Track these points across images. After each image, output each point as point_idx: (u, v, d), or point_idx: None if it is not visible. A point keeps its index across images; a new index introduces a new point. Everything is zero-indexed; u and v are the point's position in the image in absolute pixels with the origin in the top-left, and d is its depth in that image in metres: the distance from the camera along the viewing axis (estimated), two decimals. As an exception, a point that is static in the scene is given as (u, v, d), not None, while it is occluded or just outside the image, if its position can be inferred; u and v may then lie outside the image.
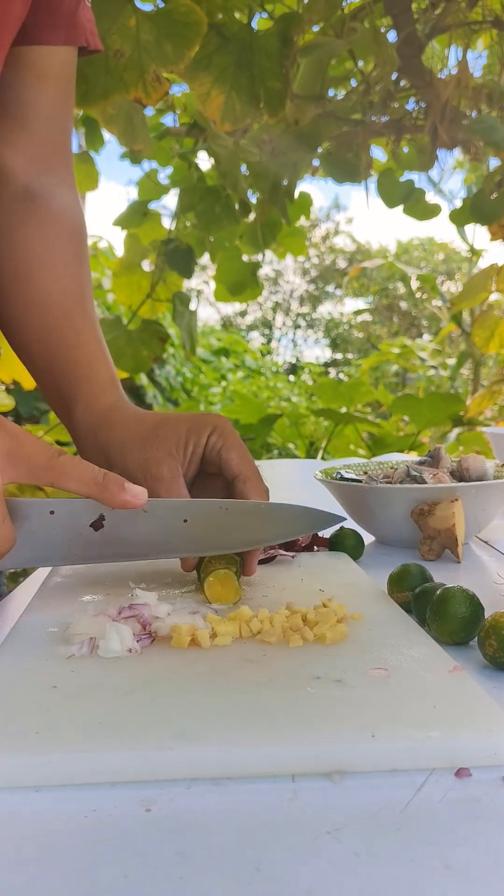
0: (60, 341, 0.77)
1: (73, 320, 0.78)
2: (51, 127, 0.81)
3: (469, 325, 4.08)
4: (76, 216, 0.83)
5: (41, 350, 0.77)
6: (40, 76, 0.78)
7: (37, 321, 0.77)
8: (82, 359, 0.76)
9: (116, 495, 0.57)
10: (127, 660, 0.50)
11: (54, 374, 0.76)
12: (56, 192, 0.81)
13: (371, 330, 13.00)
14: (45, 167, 0.81)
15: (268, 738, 0.40)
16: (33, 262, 0.78)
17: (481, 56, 2.67)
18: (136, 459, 0.68)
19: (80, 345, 0.77)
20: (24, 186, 0.80)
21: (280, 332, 14.66)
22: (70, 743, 0.39)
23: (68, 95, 0.82)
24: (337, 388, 4.06)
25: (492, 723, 0.41)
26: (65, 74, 0.81)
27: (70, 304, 0.78)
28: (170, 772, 0.38)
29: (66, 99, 0.82)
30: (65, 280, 0.79)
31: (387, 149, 2.78)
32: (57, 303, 0.78)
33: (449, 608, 0.55)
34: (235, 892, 0.31)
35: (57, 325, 0.77)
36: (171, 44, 1.50)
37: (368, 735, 0.40)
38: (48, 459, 0.56)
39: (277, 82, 1.75)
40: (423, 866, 0.32)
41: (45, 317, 0.77)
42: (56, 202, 0.81)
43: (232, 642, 0.52)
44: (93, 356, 0.77)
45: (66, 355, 0.76)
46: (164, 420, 0.71)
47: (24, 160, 0.80)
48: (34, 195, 0.80)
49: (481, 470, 0.89)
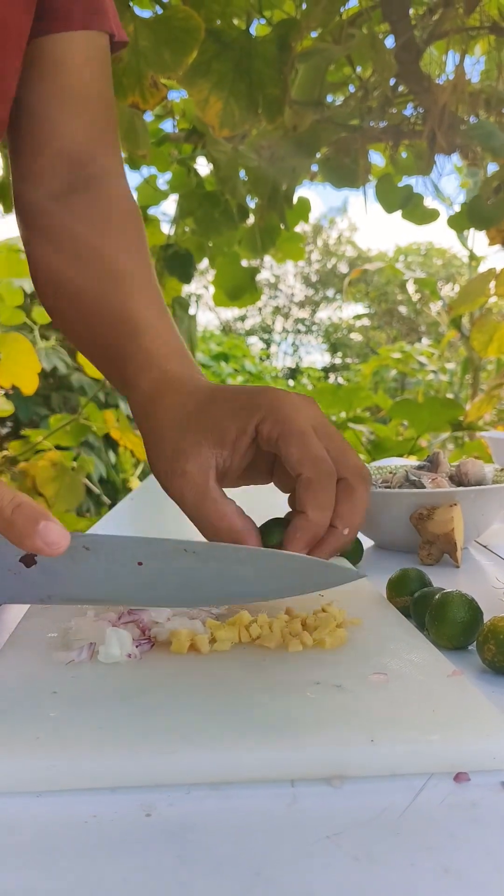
0: (110, 317, 0.67)
1: (127, 300, 0.68)
2: (81, 116, 0.75)
3: (468, 330, 4.09)
4: (125, 199, 0.76)
5: (91, 331, 0.69)
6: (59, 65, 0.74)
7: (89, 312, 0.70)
8: (133, 333, 0.65)
9: (25, 536, 0.44)
10: (126, 665, 0.50)
11: (108, 357, 0.68)
12: (105, 175, 0.76)
13: (370, 335, 13.02)
14: (83, 160, 0.75)
15: (267, 743, 0.40)
16: (96, 238, 0.72)
17: (479, 62, 2.67)
18: (169, 448, 0.57)
19: (128, 321, 0.66)
20: (61, 185, 0.75)
21: (280, 336, 14.67)
22: (70, 748, 0.40)
23: (98, 80, 0.76)
24: (336, 393, 4.07)
25: (491, 727, 0.41)
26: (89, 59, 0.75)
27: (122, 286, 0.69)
28: (169, 777, 0.39)
29: (97, 84, 0.76)
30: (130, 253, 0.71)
31: (385, 154, 2.79)
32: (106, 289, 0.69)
33: (448, 613, 0.55)
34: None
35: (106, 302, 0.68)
36: (169, 50, 1.50)
37: (368, 740, 0.40)
38: None
39: (276, 88, 1.76)
40: (422, 870, 0.32)
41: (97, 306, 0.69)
42: (103, 189, 0.75)
43: (231, 647, 0.52)
44: (143, 329, 0.65)
45: (114, 335, 0.67)
46: (212, 398, 0.58)
47: (55, 158, 0.74)
48: (82, 182, 0.74)
49: (480, 475, 0.89)
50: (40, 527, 0.44)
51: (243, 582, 0.48)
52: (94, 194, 0.74)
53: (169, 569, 0.48)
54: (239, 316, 14.01)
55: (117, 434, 3.16)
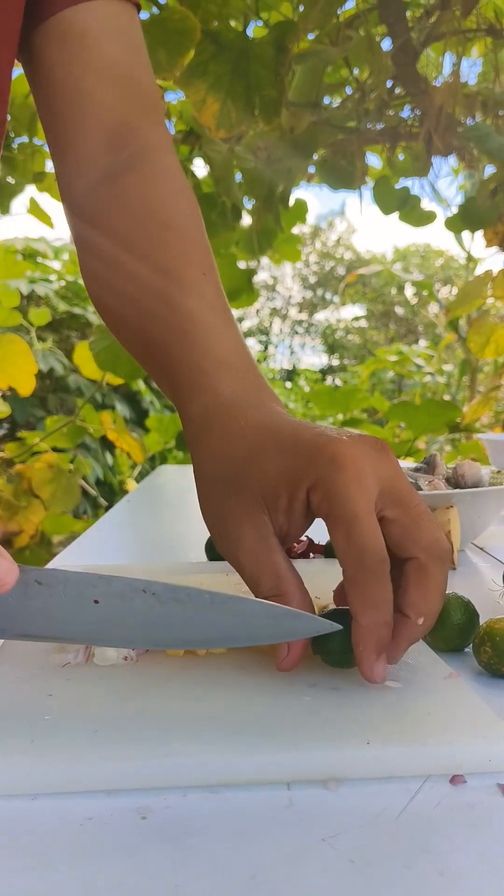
0: (160, 321, 0.59)
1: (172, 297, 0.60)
2: (115, 92, 0.69)
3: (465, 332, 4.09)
4: (175, 173, 0.69)
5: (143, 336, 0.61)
6: (84, 36, 0.68)
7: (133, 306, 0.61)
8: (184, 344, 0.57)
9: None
10: (123, 668, 0.50)
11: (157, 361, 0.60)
12: (143, 161, 0.68)
13: (368, 336, 13.02)
14: (124, 138, 0.68)
15: (263, 746, 0.40)
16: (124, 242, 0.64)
17: (476, 64, 2.68)
18: (215, 510, 0.51)
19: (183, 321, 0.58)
20: (105, 166, 0.68)
21: (277, 338, 14.68)
22: (66, 751, 0.39)
23: (131, 49, 0.71)
24: (333, 395, 4.07)
25: (487, 730, 0.41)
26: (116, 26, 0.69)
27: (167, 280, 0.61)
28: (165, 779, 0.39)
29: (131, 53, 0.71)
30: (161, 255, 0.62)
31: (382, 156, 2.79)
32: (152, 280, 0.61)
33: (444, 615, 0.55)
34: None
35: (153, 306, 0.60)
36: (165, 51, 1.51)
37: (363, 742, 0.40)
38: None
39: (273, 90, 1.76)
40: (418, 873, 0.32)
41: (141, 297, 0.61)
42: (144, 175, 0.67)
43: (227, 650, 0.52)
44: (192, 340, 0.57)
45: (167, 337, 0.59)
46: (262, 446, 0.49)
47: (95, 140, 0.68)
48: (117, 175, 0.67)
49: (477, 477, 0.89)
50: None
51: (206, 628, 0.44)
52: (139, 176, 0.67)
53: (127, 609, 0.44)
54: (237, 317, 14.02)
55: (114, 436, 3.15)
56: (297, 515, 0.47)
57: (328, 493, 0.45)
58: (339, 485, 0.45)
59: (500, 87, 2.41)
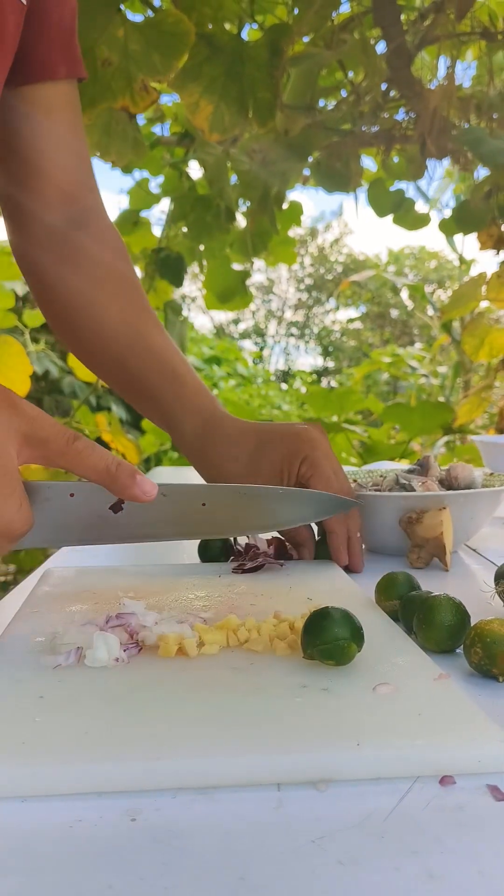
0: (138, 364, 0.79)
1: (143, 339, 0.79)
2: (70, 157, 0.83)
3: (459, 334, 4.09)
4: (117, 237, 0.84)
5: (123, 375, 0.80)
6: (51, 110, 0.81)
7: (110, 352, 0.80)
8: (164, 375, 0.78)
9: (126, 487, 0.57)
10: (114, 669, 0.50)
11: (144, 395, 0.80)
12: (94, 217, 0.83)
13: (363, 338, 13.03)
14: (74, 196, 0.83)
15: (253, 747, 0.40)
16: (89, 292, 0.80)
17: (470, 67, 2.69)
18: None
19: (158, 363, 0.79)
20: (60, 220, 0.81)
21: (273, 340, 14.67)
22: (55, 753, 0.39)
23: (80, 124, 0.84)
24: (328, 397, 4.07)
25: (476, 731, 0.41)
26: (72, 105, 0.83)
27: (134, 325, 0.80)
28: (155, 782, 0.38)
29: (79, 128, 0.84)
30: (123, 303, 0.81)
31: (377, 159, 2.80)
32: (122, 329, 0.80)
33: (435, 616, 0.55)
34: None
35: (128, 351, 0.79)
36: (159, 54, 1.51)
37: (353, 744, 0.40)
38: (65, 444, 0.55)
39: (267, 92, 1.76)
40: (407, 874, 0.32)
41: (115, 345, 0.79)
42: (97, 227, 0.83)
43: (219, 651, 0.52)
44: (173, 371, 0.79)
45: (149, 377, 0.79)
46: (263, 440, 0.76)
47: (53, 194, 0.82)
48: (71, 228, 0.82)
49: (469, 479, 0.89)
50: (137, 479, 0.57)
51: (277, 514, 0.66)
52: (93, 230, 0.82)
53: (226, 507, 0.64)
54: (233, 319, 14.01)
55: (109, 437, 3.15)
56: (291, 483, 0.76)
57: (313, 464, 0.75)
58: (319, 456, 0.76)
59: (495, 91, 2.42)
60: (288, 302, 14.87)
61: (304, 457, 0.74)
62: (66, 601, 0.65)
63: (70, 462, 0.56)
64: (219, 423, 0.77)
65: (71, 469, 0.57)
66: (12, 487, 0.54)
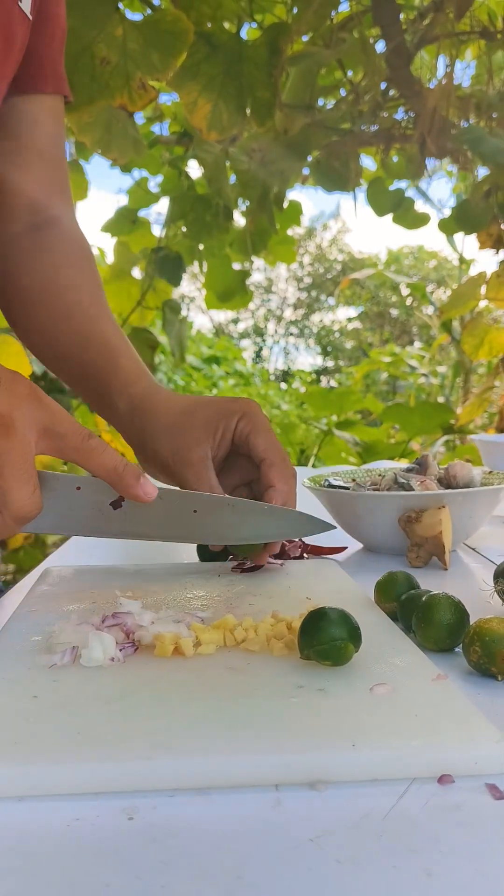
0: (85, 342, 0.82)
1: (94, 322, 0.83)
2: (48, 167, 0.88)
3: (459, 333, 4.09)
4: (82, 238, 0.90)
5: (69, 353, 0.83)
6: (36, 122, 0.86)
7: (61, 328, 0.83)
8: (108, 353, 0.81)
9: (130, 486, 0.62)
10: (109, 669, 0.49)
11: (85, 372, 0.82)
12: (62, 218, 0.88)
13: (362, 337, 13.03)
14: (50, 198, 0.88)
15: (250, 748, 0.40)
16: (49, 280, 0.85)
17: (470, 66, 2.69)
18: (169, 445, 0.74)
19: (103, 342, 0.82)
20: (34, 215, 0.87)
21: (272, 339, 14.67)
22: (49, 754, 0.39)
23: (60, 137, 0.90)
24: (327, 397, 4.07)
25: (473, 732, 0.41)
26: (56, 118, 0.88)
27: (87, 308, 0.84)
28: (151, 782, 0.38)
29: (60, 140, 0.90)
30: (79, 290, 0.85)
31: (376, 158, 2.80)
32: (75, 309, 0.84)
33: (434, 615, 0.55)
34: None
35: (79, 329, 0.83)
36: (158, 52, 1.51)
37: (349, 745, 0.39)
38: (80, 441, 0.60)
39: (266, 91, 1.76)
40: (405, 873, 0.32)
41: (67, 323, 0.83)
42: (63, 227, 0.88)
43: (216, 651, 0.52)
44: (117, 350, 0.82)
45: (93, 353, 0.81)
46: (195, 405, 0.76)
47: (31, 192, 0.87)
48: (44, 222, 0.87)
49: (468, 477, 0.89)
50: (141, 481, 0.62)
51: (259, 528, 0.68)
52: (54, 231, 0.87)
53: (215, 516, 0.67)
54: (232, 319, 14.01)
55: (109, 437, 3.15)
56: (224, 442, 0.74)
57: (252, 417, 0.74)
58: (257, 413, 0.75)
59: (494, 90, 2.42)
60: (287, 301, 14.87)
61: (242, 413, 0.74)
62: (64, 600, 0.64)
63: (83, 457, 0.60)
64: (153, 396, 0.78)
65: (82, 464, 0.61)
66: (29, 474, 0.58)
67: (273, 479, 0.72)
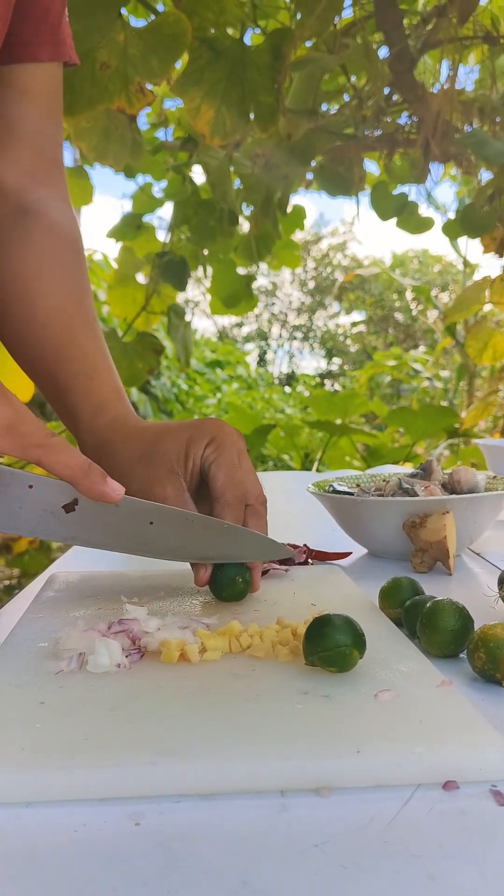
0: (61, 355, 0.76)
1: (73, 333, 0.77)
2: (39, 142, 0.80)
3: (463, 337, 4.10)
4: (71, 229, 0.82)
5: (44, 366, 0.77)
6: (26, 92, 0.78)
7: (38, 337, 0.77)
8: (83, 371, 0.76)
9: (95, 485, 0.59)
10: (116, 675, 0.50)
11: (57, 388, 0.77)
12: (49, 205, 0.81)
13: (367, 341, 13.02)
14: (35, 182, 0.80)
15: (255, 754, 0.40)
16: (29, 279, 0.78)
17: (473, 71, 2.69)
18: (139, 481, 0.68)
19: (80, 357, 0.76)
20: (15, 202, 0.79)
21: (276, 343, 14.68)
22: (56, 760, 0.39)
23: (55, 109, 0.82)
24: (331, 400, 4.07)
25: (477, 738, 0.41)
26: (51, 89, 0.80)
27: (68, 317, 0.78)
28: (156, 788, 0.39)
29: (54, 113, 0.81)
30: (61, 294, 0.78)
31: (380, 162, 2.80)
32: (55, 317, 0.77)
33: (438, 621, 0.55)
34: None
35: (56, 340, 0.77)
36: (157, 56, 1.51)
37: (354, 751, 0.40)
38: (42, 438, 0.57)
39: (269, 97, 1.77)
40: (409, 878, 0.32)
41: (44, 332, 0.77)
42: (49, 216, 0.80)
43: (221, 657, 0.52)
44: (93, 369, 0.76)
45: (67, 369, 0.76)
46: (164, 432, 0.70)
47: (13, 176, 0.80)
48: (26, 211, 0.79)
49: (472, 482, 0.89)
50: (108, 479, 0.59)
51: (216, 547, 0.65)
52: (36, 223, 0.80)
53: (172, 531, 0.64)
54: (236, 323, 14.02)
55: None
56: (196, 470, 0.68)
57: (220, 445, 0.68)
58: (226, 440, 0.68)
59: (497, 94, 2.42)
60: (292, 305, 14.88)
61: (210, 438, 0.68)
62: (70, 606, 0.65)
63: (45, 455, 0.57)
64: (120, 427, 0.73)
65: (44, 463, 0.58)
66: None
67: (224, 518, 0.66)
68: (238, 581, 0.65)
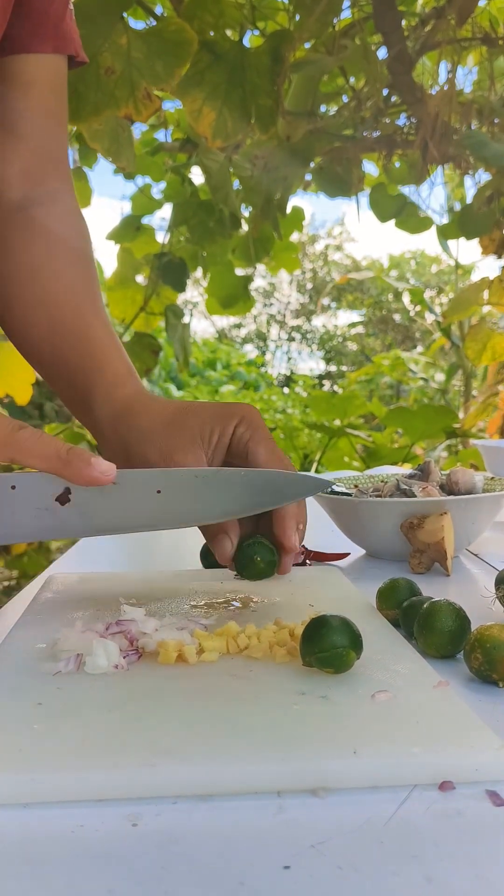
0: (71, 335, 0.74)
1: (83, 315, 0.75)
2: (43, 136, 0.79)
3: (459, 338, 4.10)
4: (77, 222, 0.81)
5: (51, 347, 0.75)
6: (29, 85, 0.77)
7: (45, 319, 0.75)
8: (96, 351, 0.73)
9: (81, 471, 0.54)
10: (113, 676, 0.50)
11: (68, 369, 0.73)
12: (55, 199, 0.80)
13: (365, 342, 13.03)
14: (40, 177, 0.80)
15: (252, 755, 0.40)
16: (36, 265, 0.76)
17: (471, 72, 2.69)
18: (158, 448, 0.64)
19: (92, 337, 0.74)
20: (21, 198, 0.79)
21: (275, 344, 14.68)
22: (53, 761, 0.39)
23: (60, 104, 0.81)
24: (330, 401, 4.07)
25: (474, 739, 0.41)
26: (55, 83, 0.79)
27: (78, 299, 0.76)
28: (154, 789, 0.39)
29: (58, 108, 0.81)
30: (70, 278, 0.77)
31: (378, 164, 2.80)
32: (64, 299, 0.75)
33: (435, 622, 0.55)
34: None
35: (66, 321, 0.75)
36: (162, 62, 1.51)
37: (351, 752, 0.40)
38: (8, 434, 0.53)
39: (269, 99, 1.77)
40: (406, 879, 0.33)
41: (53, 314, 0.75)
42: (55, 210, 0.79)
43: (219, 658, 0.52)
44: (106, 347, 0.73)
45: (78, 349, 0.73)
46: (189, 407, 0.67)
47: (18, 171, 0.79)
48: (31, 205, 0.78)
49: (470, 483, 0.89)
50: (93, 461, 0.54)
51: (240, 498, 0.59)
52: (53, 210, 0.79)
53: (184, 493, 0.58)
54: (235, 324, 14.02)
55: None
56: (221, 447, 0.65)
57: (252, 423, 0.65)
58: (257, 419, 0.66)
59: (496, 95, 2.43)
60: (290, 306, 14.88)
61: (241, 417, 0.64)
62: (68, 607, 0.65)
63: (15, 452, 0.54)
64: (141, 399, 0.69)
65: (18, 460, 0.54)
66: None
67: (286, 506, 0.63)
68: (257, 560, 0.62)
